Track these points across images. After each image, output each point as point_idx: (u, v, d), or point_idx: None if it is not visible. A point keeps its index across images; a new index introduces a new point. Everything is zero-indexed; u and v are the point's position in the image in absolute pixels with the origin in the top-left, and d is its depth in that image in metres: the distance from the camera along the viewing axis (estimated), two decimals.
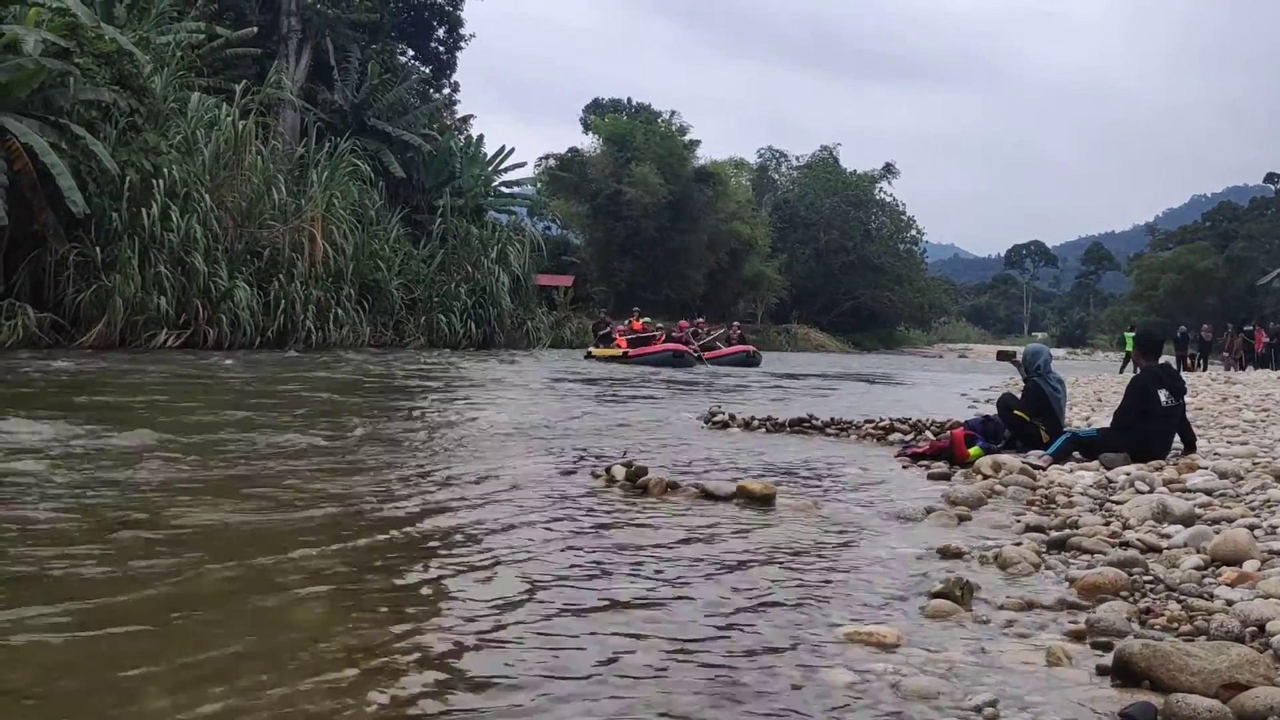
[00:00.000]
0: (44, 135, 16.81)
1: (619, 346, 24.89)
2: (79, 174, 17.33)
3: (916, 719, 2.31)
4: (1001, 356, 8.25)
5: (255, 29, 28.03)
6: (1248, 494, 4.84)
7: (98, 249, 18.08)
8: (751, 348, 27.83)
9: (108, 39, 18.52)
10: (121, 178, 18.42)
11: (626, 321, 28.37)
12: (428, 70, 38.54)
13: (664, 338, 25.49)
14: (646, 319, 27.91)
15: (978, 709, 2.35)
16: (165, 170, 19.47)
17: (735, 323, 32.30)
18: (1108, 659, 2.63)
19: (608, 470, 5.71)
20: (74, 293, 17.95)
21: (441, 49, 39.31)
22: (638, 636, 2.87)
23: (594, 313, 37.47)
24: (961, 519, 4.79)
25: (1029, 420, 7.02)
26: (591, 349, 26.57)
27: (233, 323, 20.18)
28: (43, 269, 17.92)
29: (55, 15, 18.14)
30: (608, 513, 4.79)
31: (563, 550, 3.95)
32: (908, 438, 8.20)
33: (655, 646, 2.79)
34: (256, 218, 22.34)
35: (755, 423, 9.23)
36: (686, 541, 4.19)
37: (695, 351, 25.51)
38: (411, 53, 38.30)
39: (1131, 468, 5.80)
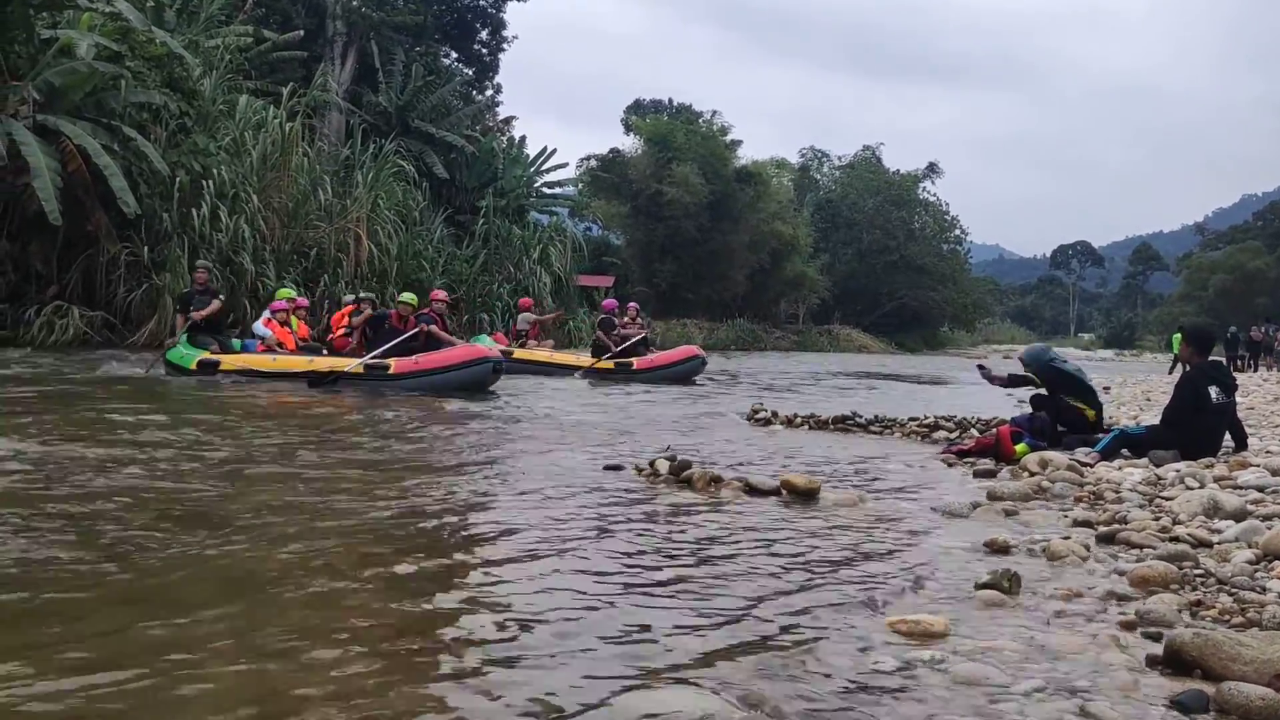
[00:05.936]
0: (97, 137, 17.16)
1: (339, 347, 13.30)
2: (130, 175, 17.68)
3: (965, 704, 2.32)
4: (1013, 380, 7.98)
5: (301, 33, 28.51)
6: None
7: (148, 249, 18.43)
8: (698, 349, 17.94)
9: (158, 43, 18.88)
10: (172, 179, 18.78)
11: (353, 299, 15.20)
12: (470, 72, 38.93)
13: (424, 337, 12.73)
14: (407, 296, 13.61)
15: (1026, 694, 2.36)
16: (214, 171, 19.85)
17: (632, 304, 19.23)
18: (1158, 649, 2.62)
19: (651, 465, 5.74)
20: (125, 292, 18.33)
21: (484, 51, 39.68)
22: (685, 624, 2.90)
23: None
24: (1008, 514, 4.76)
25: (1075, 403, 7.09)
26: (215, 356, 12.45)
27: None
28: (94, 269, 18.31)
29: (107, 20, 18.53)
30: (652, 505, 4.82)
31: (604, 541, 3.98)
32: (953, 436, 8.13)
33: (704, 633, 2.81)
34: (303, 218, 22.70)
35: (798, 420, 9.21)
36: (730, 533, 4.20)
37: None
38: (455, 55, 38.70)
39: (1181, 465, 5.73)
